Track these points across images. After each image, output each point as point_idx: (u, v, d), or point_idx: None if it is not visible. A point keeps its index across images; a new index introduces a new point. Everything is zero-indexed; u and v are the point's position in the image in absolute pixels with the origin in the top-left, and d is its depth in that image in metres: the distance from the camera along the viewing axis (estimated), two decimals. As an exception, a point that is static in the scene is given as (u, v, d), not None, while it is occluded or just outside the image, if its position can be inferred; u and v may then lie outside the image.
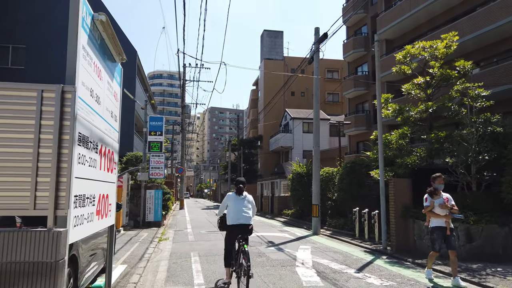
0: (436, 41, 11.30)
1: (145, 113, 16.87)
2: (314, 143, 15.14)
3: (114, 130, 5.15)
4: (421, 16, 22.20)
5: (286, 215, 22.17)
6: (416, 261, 8.70)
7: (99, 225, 4.35)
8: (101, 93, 4.30)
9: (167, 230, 15.29)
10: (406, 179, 10.50)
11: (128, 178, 15.81)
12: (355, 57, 30.59)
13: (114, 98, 5.07)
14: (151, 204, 16.39)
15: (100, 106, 4.26)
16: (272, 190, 26.31)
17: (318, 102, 15.26)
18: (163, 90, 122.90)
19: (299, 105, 45.91)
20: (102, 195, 4.45)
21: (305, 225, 17.58)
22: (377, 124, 11.23)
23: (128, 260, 8.47)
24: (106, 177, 4.64)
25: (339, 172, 16.19)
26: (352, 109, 31.76)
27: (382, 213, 10.61)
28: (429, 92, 11.59)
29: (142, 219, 16.23)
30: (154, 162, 16.65)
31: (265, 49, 48.39)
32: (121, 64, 5.43)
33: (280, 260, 8.49)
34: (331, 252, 9.95)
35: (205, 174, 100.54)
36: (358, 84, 29.79)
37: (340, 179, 15.22)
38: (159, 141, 16.62)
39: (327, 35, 14.44)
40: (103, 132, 4.41)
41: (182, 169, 33.81)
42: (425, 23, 22.41)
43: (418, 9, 21.59)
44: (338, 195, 15.47)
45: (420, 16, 22.18)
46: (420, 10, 21.51)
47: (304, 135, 40.66)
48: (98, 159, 4.21)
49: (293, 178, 20.23)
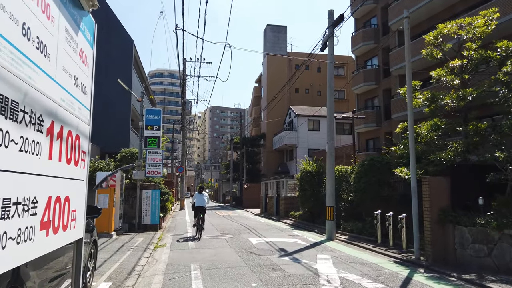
0: (475, 17, 9.77)
1: (141, 105, 15.36)
2: (328, 137, 13.63)
3: (82, 105, 3.65)
4: (436, 4, 20.64)
5: (294, 217, 20.67)
6: (463, 276, 7.18)
7: (49, 244, 2.85)
8: (51, 42, 2.80)
9: (165, 235, 13.80)
10: (444, 177, 8.97)
11: (123, 177, 14.33)
12: (364, 50, 29.08)
13: (81, 59, 3.57)
14: (147, 205, 14.90)
15: (48, 61, 2.76)
16: (278, 190, 24.79)
17: (332, 93, 13.74)
18: (164, 89, 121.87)
19: (303, 103, 44.36)
20: (56, 199, 2.95)
21: (315, 229, 16.08)
22: (408, 114, 9.70)
23: (115, 275, 6.96)
24: (64, 171, 3.14)
25: (355, 171, 14.68)
26: (361, 105, 30.23)
27: (414, 217, 9.09)
28: (466, 78, 10.05)
29: (137, 222, 14.72)
30: (151, 159, 15.12)
31: (268, 44, 46.85)
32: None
33: (300, 276, 6.97)
34: (357, 263, 8.43)
35: (206, 174, 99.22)
36: (368, 79, 28.30)
37: (357, 178, 13.71)
38: (157, 136, 15.11)
39: (343, 17, 12.94)
40: (56, 103, 2.91)
41: (182, 168, 32.29)
42: (442, 11, 20.84)
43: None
44: (354, 195, 13.97)
45: (435, 4, 20.62)
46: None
47: (310, 133, 39.16)
48: (45, 143, 2.71)
49: (302, 177, 18.73)
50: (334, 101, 46.10)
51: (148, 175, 15.11)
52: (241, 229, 15.69)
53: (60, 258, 3.53)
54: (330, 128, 13.62)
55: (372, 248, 10.70)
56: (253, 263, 8.21)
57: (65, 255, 3.65)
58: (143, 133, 15.26)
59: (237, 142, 44.78)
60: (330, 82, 13.73)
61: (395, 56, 24.40)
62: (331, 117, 13.65)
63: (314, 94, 46.84)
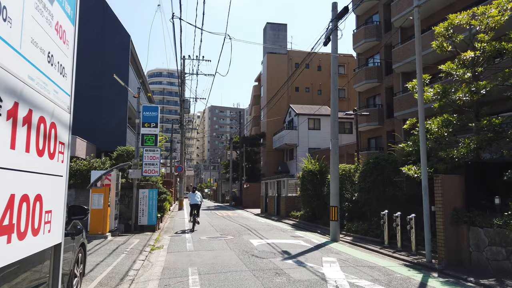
0: (488, 7, 9.26)
1: (138, 101, 14.83)
2: (332, 135, 13.12)
3: (59, 89, 3.13)
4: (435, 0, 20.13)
5: (295, 217, 20.17)
6: (481, 282, 6.68)
7: (11, 252, 2.33)
8: (13, 4, 2.28)
9: (162, 236, 13.28)
10: (457, 176, 8.47)
11: (118, 176, 13.81)
12: (366, 47, 28.58)
13: (57, 34, 3.05)
14: (144, 205, 14.37)
15: (10, 27, 2.24)
16: (278, 190, 24.28)
17: (336, 88, 13.23)
18: (162, 89, 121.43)
19: (304, 102, 43.84)
20: (22, 198, 2.43)
21: (318, 229, 15.58)
22: (418, 108, 9.18)
23: (106, 280, 6.44)
24: (34, 165, 2.62)
25: (359, 170, 14.19)
26: (363, 103, 29.74)
27: (426, 217, 8.58)
28: (479, 70, 9.54)
29: (134, 223, 14.20)
30: (148, 157, 14.60)
31: (268, 42, 46.32)
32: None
33: (307, 282, 6.45)
34: (365, 267, 7.92)
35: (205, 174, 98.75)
36: (369, 76, 27.82)
37: (362, 177, 13.21)
38: (154, 134, 14.58)
39: (348, 10, 12.42)
40: (21, 81, 2.39)
41: (181, 167, 31.76)
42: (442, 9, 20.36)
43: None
44: (359, 195, 13.46)
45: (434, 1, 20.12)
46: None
47: (310, 132, 38.66)
48: (6, 129, 2.19)
49: (304, 176, 18.22)
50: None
51: (145, 174, 14.59)
52: (241, 229, 15.19)
53: (33, 267, 3.01)
54: (334, 125, 13.11)
55: (379, 250, 10.19)
56: (255, 266, 7.70)
57: (40, 263, 3.12)
58: (139, 131, 14.74)
59: (237, 142, 44.24)
60: (334, 76, 13.22)
61: (398, 53, 23.92)
62: (335, 114, 13.15)
63: (315, 93, 46.34)
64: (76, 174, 13.97)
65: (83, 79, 19.75)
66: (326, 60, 43.70)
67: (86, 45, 19.35)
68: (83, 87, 19.85)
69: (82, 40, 7.50)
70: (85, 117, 19.30)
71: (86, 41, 19.37)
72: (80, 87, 20.68)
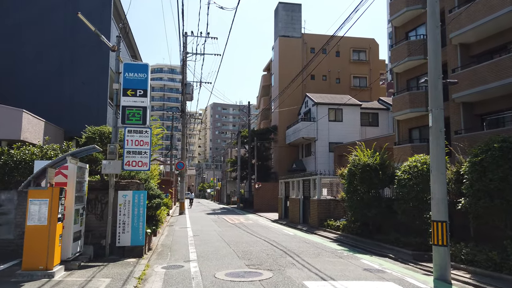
0: None
1: (117, 55, 9.73)
2: (433, 103, 7.98)
3: None
4: None
5: (334, 228, 15.06)
6: None
7: None
8: None
9: (152, 268, 8.18)
10: None
11: (85, 170, 8.71)
12: (407, 17, 23.55)
13: None
14: (126, 215, 9.27)
15: None
16: (305, 191, 19.15)
17: (437, 21, 8.10)
18: (163, 85, 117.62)
19: (320, 91, 38.64)
20: None
21: (385, 250, 10.50)
22: None
23: None
24: None
25: (463, 162, 9.11)
26: (402, 86, 24.62)
27: None
28: None
29: (110, 243, 9.08)
30: (132, 142, 9.47)
31: (280, 25, 41.17)
32: None
33: None
34: None
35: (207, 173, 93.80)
36: (414, 52, 22.67)
37: (474, 174, 8.12)
38: (141, 106, 9.49)
39: None
40: None
41: (182, 163, 26.64)
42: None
43: None
44: (470, 202, 8.34)
45: None
46: None
47: (331, 124, 33.52)
48: None
49: (352, 173, 13.11)
50: (354, 89, 39.11)
51: (126, 168, 9.42)
52: (274, 252, 10.08)
53: None
54: (436, 85, 7.97)
55: None
56: None
57: None
58: (119, 102, 9.63)
59: (245, 136, 39.10)
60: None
61: (457, 18, 18.79)
62: (438, 68, 8.03)
63: (333, 82, 41.16)
64: (19, 167, 8.84)
65: (49, 37, 14.69)
66: (345, 44, 38.51)
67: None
68: (47, 48, 14.75)
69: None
70: (49, 90, 14.19)
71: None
72: (41, 48, 15.39)
